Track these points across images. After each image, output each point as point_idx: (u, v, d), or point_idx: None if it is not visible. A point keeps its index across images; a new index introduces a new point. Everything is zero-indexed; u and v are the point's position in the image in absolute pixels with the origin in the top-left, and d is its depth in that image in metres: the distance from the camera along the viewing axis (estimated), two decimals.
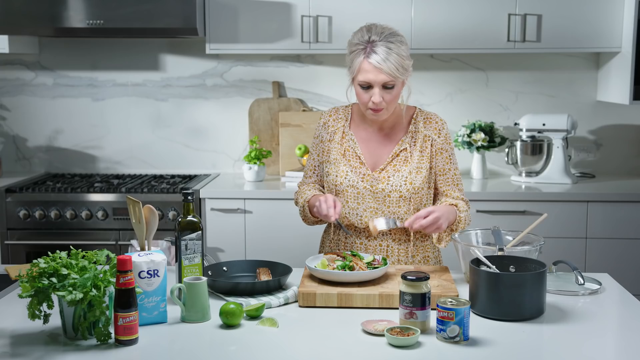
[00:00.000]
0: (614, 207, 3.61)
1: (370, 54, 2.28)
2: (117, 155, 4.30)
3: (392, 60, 2.27)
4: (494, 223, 3.34)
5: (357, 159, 2.45)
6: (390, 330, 1.79)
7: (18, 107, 4.29)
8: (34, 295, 1.77)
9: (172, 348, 1.81)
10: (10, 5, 3.65)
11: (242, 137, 4.25)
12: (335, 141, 2.49)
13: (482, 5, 3.75)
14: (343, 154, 2.46)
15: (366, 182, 2.42)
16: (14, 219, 3.70)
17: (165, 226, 3.60)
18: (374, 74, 2.29)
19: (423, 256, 2.50)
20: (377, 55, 2.27)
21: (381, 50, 2.27)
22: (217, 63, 4.21)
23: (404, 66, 2.30)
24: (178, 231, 2.09)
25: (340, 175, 2.43)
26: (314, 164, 2.56)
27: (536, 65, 4.13)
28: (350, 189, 2.42)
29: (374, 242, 2.45)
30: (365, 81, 2.31)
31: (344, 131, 2.49)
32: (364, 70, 2.29)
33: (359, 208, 2.43)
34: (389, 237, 2.45)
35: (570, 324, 1.93)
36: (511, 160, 4.02)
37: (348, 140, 2.47)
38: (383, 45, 2.28)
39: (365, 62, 2.28)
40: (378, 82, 2.30)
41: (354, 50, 2.32)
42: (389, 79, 2.29)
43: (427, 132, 2.45)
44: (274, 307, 2.06)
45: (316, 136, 2.56)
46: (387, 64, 2.27)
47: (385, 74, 2.28)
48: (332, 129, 2.51)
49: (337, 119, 2.52)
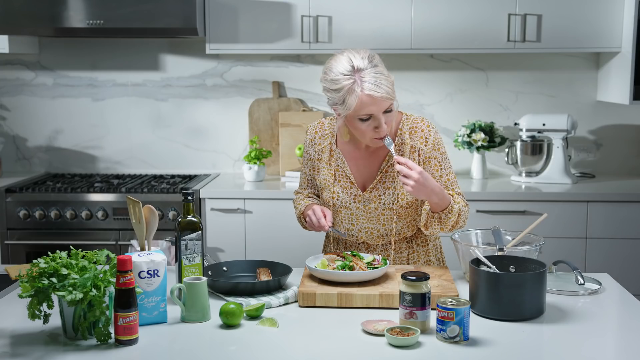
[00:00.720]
0: (614, 207, 3.61)
1: (364, 85, 2.15)
2: (117, 155, 4.30)
3: (384, 84, 2.16)
4: (494, 223, 3.34)
5: (347, 179, 2.40)
6: (390, 330, 1.79)
7: (18, 107, 4.29)
8: (34, 295, 1.77)
9: (172, 348, 1.81)
10: (10, 5, 3.64)
11: (242, 137, 4.25)
12: (324, 161, 2.43)
13: (482, 5, 3.75)
14: (333, 175, 2.41)
15: (358, 202, 2.39)
16: (14, 219, 3.70)
17: (165, 226, 3.60)
18: (376, 105, 2.17)
19: (425, 261, 2.49)
20: (370, 85, 2.14)
21: (371, 77, 2.15)
22: (217, 63, 4.21)
23: (392, 83, 2.20)
24: (178, 231, 2.09)
25: (333, 197, 2.41)
26: (307, 178, 2.54)
27: (536, 65, 4.13)
28: (344, 210, 2.41)
29: (374, 252, 2.46)
30: (368, 114, 2.19)
31: (331, 149, 2.42)
32: (365, 103, 2.16)
33: (354, 229, 2.42)
34: (390, 247, 2.44)
35: (570, 324, 1.93)
36: (511, 160, 4.02)
37: (336, 159, 2.41)
38: (371, 71, 2.16)
39: (364, 95, 2.15)
40: (380, 111, 2.19)
41: (341, 88, 2.18)
42: (389, 104, 2.19)
43: (412, 142, 2.35)
44: (274, 307, 2.06)
45: (305, 151, 2.50)
46: (383, 89, 2.15)
47: (385, 100, 2.17)
48: (319, 147, 2.45)
49: (324, 136, 2.44)
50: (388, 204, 2.36)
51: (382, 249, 2.45)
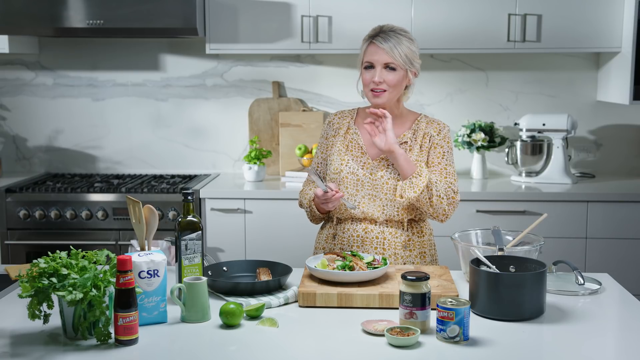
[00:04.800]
0: (614, 207, 3.61)
1: (375, 38, 2.44)
2: (117, 155, 4.30)
3: (397, 47, 2.41)
4: (494, 223, 3.34)
5: (359, 149, 2.54)
6: (390, 330, 1.79)
7: (18, 107, 4.29)
8: (34, 295, 1.77)
9: (172, 348, 1.81)
10: (10, 5, 3.64)
11: (242, 137, 4.25)
12: (340, 135, 2.58)
13: (482, 5, 3.75)
14: (347, 147, 2.55)
15: (366, 169, 2.50)
16: (14, 219, 3.70)
17: (165, 226, 3.60)
18: (377, 55, 2.42)
19: (419, 252, 2.52)
20: (381, 39, 2.42)
21: (385, 34, 2.43)
22: (217, 63, 4.21)
23: (408, 56, 2.44)
24: (178, 231, 2.09)
25: (342, 163, 2.51)
26: (318, 161, 2.64)
27: (536, 65, 4.13)
28: (351, 175, 2.50)
29: (371, 234, 2.48)
30: (368, 61, 2.44)
31: (348, 127, 2.59)
32: (369, 52, 2.44)
33: (358, 195, 2.49)
34: (386, 229, 2.48)
35: (570, 324, 1.93)
36: (511, 160, 4.02)
37: (352, 134, 2.57)
38: (393, 35, 2.43)
39: (371, 44, 2.44)
40: (380, 62, 2.42)
41: (365, 40, 2.48)
42: (390, 60, 2.41)
43: (427, 130, 2.53)
44: (274, 307, 2.06)
45: (322, 135, 2.66)
46: (388, 45, 2.41)
47: (387, 55, 2.40)
48: (337, 126, 2.61)
49: (343, 117, 2.63)
50: (395, 173, 2.46)
51: (379, 232, 2.47)
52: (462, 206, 3.54)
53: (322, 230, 2.64)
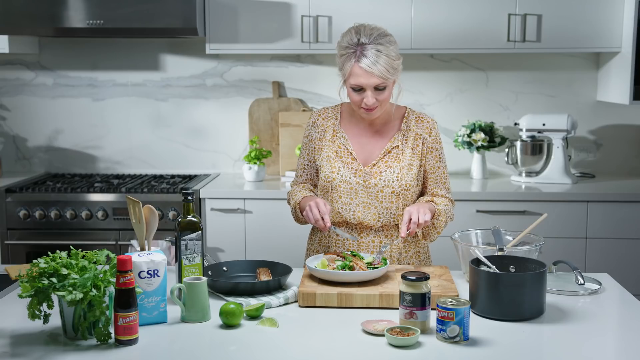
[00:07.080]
0: (614, 207, 3.61)
1: (360, 58, 2.29)
2: (117, 155, 4.30)
3: (381, 63, 2.29)
4: (494, 223, 3.34)
5: (349, 155, 2.47)
6: (390, 330, 1.79)
7: (18, 107, 4.29)
8: (34, 295, 1.77)
9: (172, 348, 1.81)
10: (10, 5, 3.64)
11: (242, 137, 4.25)
12: (327, 139, 2.51)
13: (482, 5, 3.75)
14: (335, 152, 2.48)
15: (359, 177, 2.44)
16: (14, 219, 3.70)
17: (165, 226, 3.60)
18: (365, 78, 2.31)
19: (415, 252, 2.52)
20: (367, 59, 2.29)
21: (371, 53, 2.29)
22: (217, 63, 4.21)
23: (393, 66, 2.32)
24: (178, 231, 2.09)
25: (333, 172, 2.45)
26: (304, 163, 2.58)
27: (536, 65, 4.13)
28: (344, 184, 2.44)
29: (367, 238, 2.46)
30: (357, 84, 2.33)
31: (334, 129, 2.51)
32: (355, 74, 2.31)
33: (352, 203, 2.44)
34: (382, 233, 2.46)
35: (570, 324, 1.93)
36: (511, 160, 4.02)
37: (339, 137, 2.49)
38: (372, 48, 2.29)
39: (356, 66, 2.30)
40: (370, 85, 2.32)
41: (344, 54, 2.34)
42: (380, 82, 2.31)
43: (418, 130, 2.48)
44: (274, 307, 2.06)
45: (306, 135, 2.57)
46: (377, 67, 2.29)
47: (376, 77, 2.30)
48: (322, 128, 2.53)
49: (327, 118, 2.54)
50: (389, 181, 2.42)
51: (374, 237, 2.46)
52: (462, 206, 3.54)
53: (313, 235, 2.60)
